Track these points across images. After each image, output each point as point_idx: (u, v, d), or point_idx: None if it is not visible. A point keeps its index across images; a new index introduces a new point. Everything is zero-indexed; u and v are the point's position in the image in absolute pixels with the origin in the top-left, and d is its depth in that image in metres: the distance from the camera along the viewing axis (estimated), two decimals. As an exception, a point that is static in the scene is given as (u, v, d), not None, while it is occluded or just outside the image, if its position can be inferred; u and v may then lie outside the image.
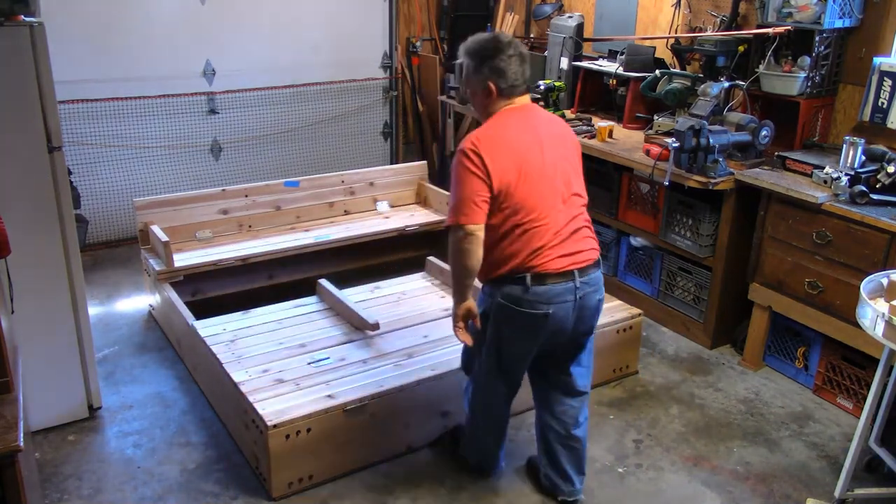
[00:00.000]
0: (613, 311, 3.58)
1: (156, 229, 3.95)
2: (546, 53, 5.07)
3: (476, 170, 2.38)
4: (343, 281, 3.88)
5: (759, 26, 3.90)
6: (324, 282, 3.66)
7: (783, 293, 3.51)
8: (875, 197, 3.18)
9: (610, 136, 4.20)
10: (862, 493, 2.78)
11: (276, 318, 3.46)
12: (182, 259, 3.92)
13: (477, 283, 2.53)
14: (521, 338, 2.53)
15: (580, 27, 4.81)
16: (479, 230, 2.41)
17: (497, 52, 2.46)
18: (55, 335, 3.05)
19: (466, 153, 2.40)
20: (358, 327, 3.37)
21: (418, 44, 6.06)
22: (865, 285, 2.62)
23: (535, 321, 2.46)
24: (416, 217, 4.67)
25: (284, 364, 3.09)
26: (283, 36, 5.30)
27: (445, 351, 3.19)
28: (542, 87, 4.65)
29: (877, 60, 3.55)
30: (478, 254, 2.43)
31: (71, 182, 3.27)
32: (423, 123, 6.21)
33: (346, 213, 4.66)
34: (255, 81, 5.27)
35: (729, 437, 3.24)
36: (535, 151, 2.44)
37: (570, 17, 4.86)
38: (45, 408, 3.11)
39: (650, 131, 4.16)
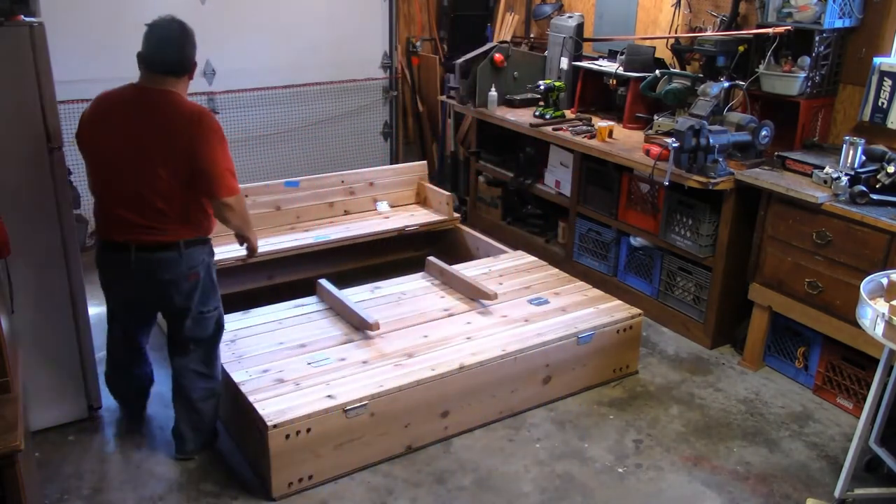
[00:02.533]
0: (613, 311, 3.58)
1: (156, 229, 3.94)
2: (546, 53, 5.07)
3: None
4: (343, 281, 3.88)
5: (759, 26, 3.90)
6: (324, 282, 3.66)
7: (783, 293, 3.51)
8: (875, 197, 3.18)
9: (610, 136, 4.20)
10: (862, 493, 2.78)
11: (276, 318, 3.46)
12: (182, 259, 3.92)
13: None
14: (105, 288, 2.93)
15: (580, 27, 4.81)
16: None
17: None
18: (55, 335, 3.05)
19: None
20: (358, 327, 3.37)
21: (418, 44, 6.06)
22: (865, 285, 2.62)
23: (104, 277, 2.89)
24: (415, 217, 4.67)
25: (284, 364, 3.08)
26: (283, 36, 5.30)
27: (445, 351, 3.19)
28: (542, 87, 4.65)
29: (877, 60, 3.55)
30: None
31: (71, 182, 3.27)
32: (423, 123, 6.21)
33: (346, 213, 4.66)
34: (255, 81, 5.26)
35: (729, 437, 3.24)
36: (112, 125, 2.66)
37: (570, 17, 4.86)
38: (45, 408, 3.10)
39: (650, 131, 4.16)
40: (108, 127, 2.68)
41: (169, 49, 2.69)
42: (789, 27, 3.71)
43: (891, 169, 3.22)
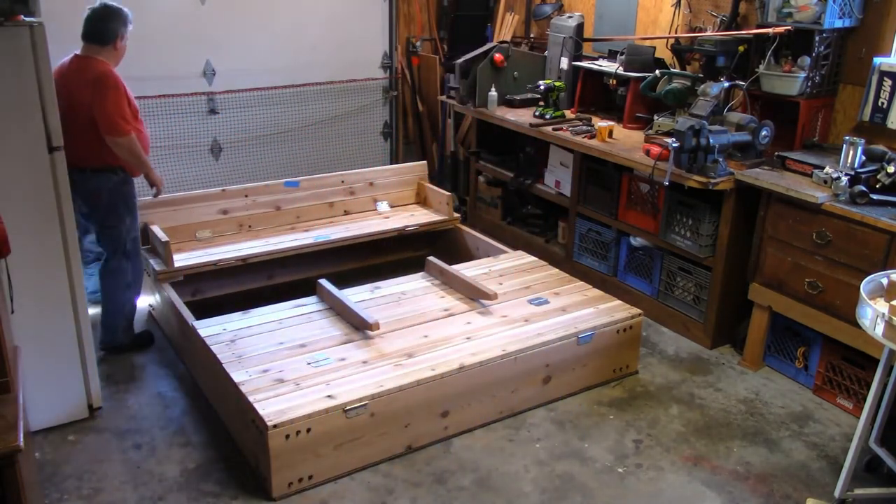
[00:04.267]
0: (613, 311, 3.58)
1: (156, 229, 3.95)
2: (546, 53, 5.07)
3: None
4: (343, 281, 3.88)
5: (759, 26, 3.90)
6: (324, 282, 3.66)
7: (783, 293, 3.51)
8: (875, 197, 3.18)
9: (610, 136, 4.20)
10: (862, 493, 2.78)
11: (276, 318, 3.46)
12: (182, 259, 3.92)
13: None
14: None
15: (580, 27, 4.81)
16: None
17: None
18: (55, 335, 3.05)
19: None
20: (358, 327, 3.37)
21: (418, 44, 6.06)
22: (865, 285, 2.62)
23: None
24: (415, 217, 4.67)
25: (284, 364, 3.09)
26: (283, 36, 5.30)
27: (445, 351, 3.19)
28: (542, 87, 4.65)
29: (877, 60, 3.55)
30: None
31: (71, 182, 3.27)
32: (423, 123, 6.21)
33: (346, 213, 4.66)
34: (255, 81, 5.26)
35: (729, 437, 3.24)
36: (59, 85, 3.21)
37: (570, 17, 4.86)
38: (45, 408, 3.11)
39: (650, 131, 4.16)
40: (58, 84, 3.23)
41: (90, 24, 3.46)
42: (789, 27, 3.71)
43: (891, 169, 3.22)
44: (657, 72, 4.20)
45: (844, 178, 3.24)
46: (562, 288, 3.82)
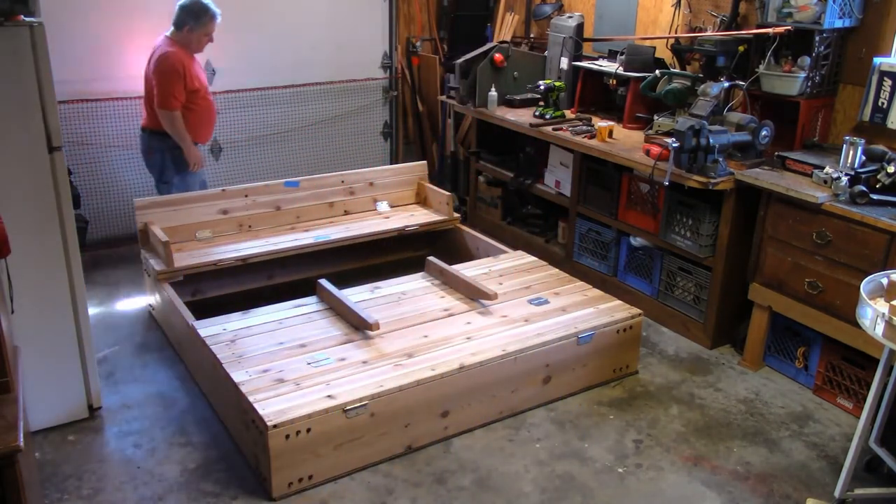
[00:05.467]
0: (613, 311, 3.58)
1: (156, 229, 3.95)
2: (546, 53, 5.07)
3: None
4: (343, 281, 3.88)
5: (759, 26, 3.91)
6: (324, 282, 3.66)
7: (783, 293, 3.51)
8: (875, 197, 3.18)
9: (610, 136, 4.20)
10: (862, 493, 2.78)
11: (276, 318, 3.46)
12: (182, 259, 3.92)
13: None
14: None
15: (580, 27, 4.81)
16: None
17: None
18: (55, 335, 3.05)
19: None
20: (358, 327, 3.38)
21: (418, 44, 6.06)
22: (865, 285, 2.62)
23: None
24: (415, 217, 4.67)
25: (284, 364, 3.09)
26: (283, 36, 5.30)
27: (445, 351, 3.19)
28: (542, 87, 4.65)
29: (877, 60, 3.55)
30: None
31: (71, 182, 3.27)
32: (422, 123, 6.21)
33: (346, 213, 4.66)
34: (255, 81, 5.26)
35: (729, 437, 3.24)
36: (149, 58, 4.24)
37: (570, 17, 4.86)
38: (45, 408, 3.11)
39: (650, 131, 4.16)
40: (149, 57, 4.25)
41: (176, 9, 4.14)
42: (789, 27, 3.72)
43: (891, 169, 3.22)
44: (657, 72, 4.20)
45: (844, 178, 3.24)
46: (562, 288, 3.82)
